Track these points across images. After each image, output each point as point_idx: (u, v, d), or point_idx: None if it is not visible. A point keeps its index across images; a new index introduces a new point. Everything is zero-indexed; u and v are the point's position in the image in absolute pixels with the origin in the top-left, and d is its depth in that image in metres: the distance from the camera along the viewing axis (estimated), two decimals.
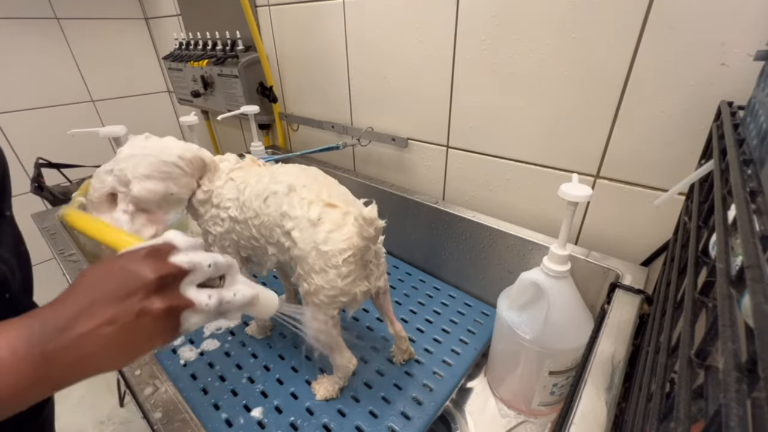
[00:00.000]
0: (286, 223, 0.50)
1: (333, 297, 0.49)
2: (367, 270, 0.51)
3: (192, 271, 0.31)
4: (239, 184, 0.55)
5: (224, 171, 0.57)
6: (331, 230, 0.48)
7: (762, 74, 0.37)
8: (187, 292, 0.31)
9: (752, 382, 0.14)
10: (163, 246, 0.31)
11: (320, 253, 0.47)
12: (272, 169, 0.56)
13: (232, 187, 0.55)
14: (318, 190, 0.51)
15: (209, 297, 0.31)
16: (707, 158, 0.40)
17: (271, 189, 0.52)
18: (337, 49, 0.92)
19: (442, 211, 0.79)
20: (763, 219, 0.21)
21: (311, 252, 0.48)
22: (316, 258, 0.48)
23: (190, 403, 0.55)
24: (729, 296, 0.18)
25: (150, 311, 0.28)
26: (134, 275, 0.28)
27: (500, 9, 0.63)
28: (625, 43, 0.54)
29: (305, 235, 0.48)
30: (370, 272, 0.51)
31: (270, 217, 0.52)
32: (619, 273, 0.58)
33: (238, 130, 1.44)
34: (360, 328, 0.70)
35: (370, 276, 0.52)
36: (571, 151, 0.65)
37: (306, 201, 0.50)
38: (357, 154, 1.04)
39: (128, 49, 1.58)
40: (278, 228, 0.51)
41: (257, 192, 0.53)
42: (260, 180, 0.54)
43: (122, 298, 0.27)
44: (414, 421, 0.54)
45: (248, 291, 0.35)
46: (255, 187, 0.53)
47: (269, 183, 0.52)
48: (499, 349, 0.62)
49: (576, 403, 0.39)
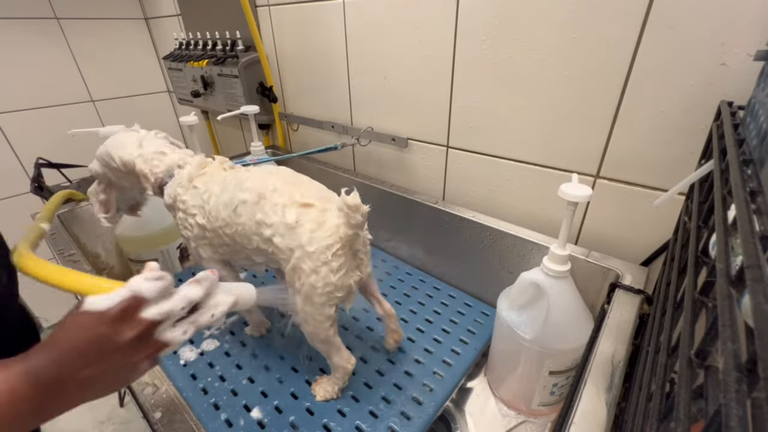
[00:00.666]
0: (264, 231, 0.49)
1: (329, 294, 0.48)
2: (357, 259, 0.50)
3: (165, 319, 0.33)
4: (203, 193, 0.55)
5: (185, 178, 0.56)
6: (312, 230, 0.47)
7: (762, 74, 0.37)
8: (162, 336, 0.33)
9: (752, 382, 0.14)
10: (131, 304, 0.31)
11: (307, 254, 0.47)
12: (238, 175, 0.55)
13: (195, 194, 0.55)
14: (290, 191, 0.50)
15: (184, 333, 0.34)
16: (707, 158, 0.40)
17: (240, 198, 0.51)
18: (337, 49, 0.92)
19: (442, 211, 0.79)
20: (763, 219, 0.21)
21: (298, 255, 0.47)
22: (304, 260, 0.47)
23: (190, 403, 0.55)
24: (729, 296, 0.18)
25: (127, 364, 0.32)
26: (108, 340, 0.30)
27: (500, 9, 0.63)
28: (625, 43, 0.54)
29: (287, 240, 0.48)
30: (360, 261, 0.51)
31: (245, 226, 0.51)
32: (619, 273, 0.58)
33: (238, 130, 1.44)
34: (360, 328, 0.70)
35: (361, 265, 0.51)
36: (571, 151, 0.65)
37: (280, 206, 0.49)
38: (357, 154, 1.03)
39: (128, 49, 1.58)
40: (256, 236, 0.51)
41: (224, 201, 0.52)
42: (225, 188, 0.53)
43: (103, 360, 0.30)
44: (414, 421, 0.54)
45: (227, 301, 0.37)
46: (221, 197, 0.53)
47: (236, 191, 0.52)
48: (499, 349, 0.62)
49: (576, 403, 0.39)
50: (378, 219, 0.94)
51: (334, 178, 1.01)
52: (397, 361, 0.63)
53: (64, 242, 0.73)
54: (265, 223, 0.49)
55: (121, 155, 0.57)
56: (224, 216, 0.52)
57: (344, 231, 0.46)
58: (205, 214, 0.54)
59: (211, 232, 0.55)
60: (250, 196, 0.50)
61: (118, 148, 0.58)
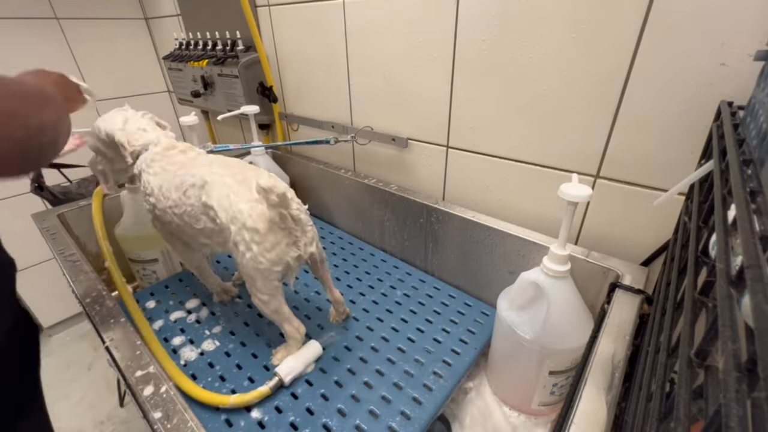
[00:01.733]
0: (208, 211, 0.55)
1: (266, 270, 0.53)
2: (293, 237, 0.55)
3: None
4: (155, 175, 0.61)
5: (148, 158, 0.62)
6: (242, 210, 0.51)
7: (762, 74, 0.38)
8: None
9: (752, 382, 0.14)
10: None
11: (240, 232, 0.51)
12: (195, 159, 0.61)
13: (151, 174, 0.62)
14: (231, 174, 0.55)
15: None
16: (707, 158, 0.41)
17: (189, 182, 0.57)
18: (337, 49, 0.92)
19: (442, 211, 0.79)
20: (763, 219, 0.21)
21: (234, 232, 0.52)
22: (239, 237, 0.51)
23: (190, 403, 0.55)
24: (729, 296, 0.18)
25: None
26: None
27: (500, 9, 0.63)
28: (625, 43, 0.54)
29: (225, 219, 0.52)
30: (297, 239, 0.55)
31: (193, 207, 0.57)
32: (619, 273, 0.58)
33: (238, 130, 1.44)
34: (360, 328, 0.70)
35: (298, 242, 0.55)
36: (571, 151, 0.65)
37: (223, 187, 0.54)
38: (357, 154, 1.04)
39: (128, 49, 1.58)
40: (204, 216, 0.56)
41: (175, 184, 0.58)
42: (176, 174, 0.59)
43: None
44: (414, 421, 0.54)
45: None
46: (172, 181, 0.59)
47: (185, 176, 0.58)
48: (499, 349, 0.63)
49: (576, 403, 0.39)
50: (378, 219, 0.94)
51: (334, 178, 1.01)
52: (397, 361, 0.63)
53: (64, 242, 0.73)
54: (209, 205, 0.54)
55: (106, 127, 0.64)
56: (174, 197, 0.58)
57: (266, 210, 0.51)
58: (158, 194, 0.60)
59: (160, 210, 0.61)
60: (197, 180, 0.56)
61: (106, 121, 0.65)
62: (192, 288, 0.80)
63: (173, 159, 0.62)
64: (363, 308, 0.75)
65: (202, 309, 0.75)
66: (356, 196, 0.97)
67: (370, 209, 0.95)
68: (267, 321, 0.71)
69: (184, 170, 0.58)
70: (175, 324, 0.71)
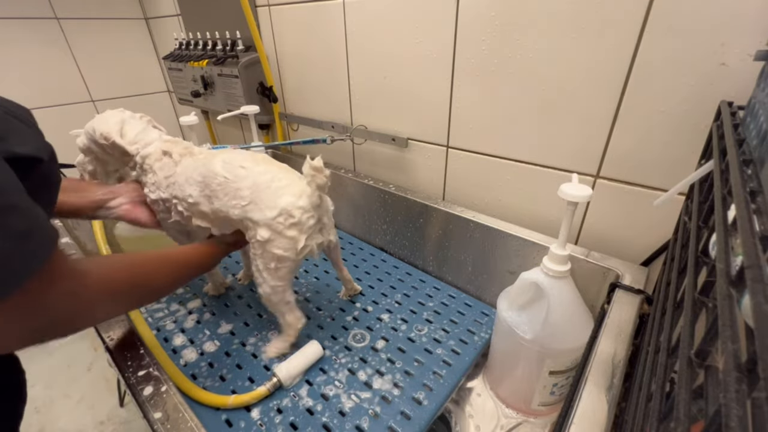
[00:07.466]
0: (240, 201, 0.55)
1: (298, 253, 0.54)
2: (321, 223, 0.58)
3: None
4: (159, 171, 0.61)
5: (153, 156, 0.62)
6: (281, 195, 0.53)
7: (762, 74, 0.38)
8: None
9: (752, 382, 0.14)
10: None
11: (289, 213, 0.53)
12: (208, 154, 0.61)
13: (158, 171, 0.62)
14: (253, 161, 0.57)
15: None
16: (707, 158, 0.40)
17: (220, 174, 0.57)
18: (337, 49, 0.92)
19: (442, 211, 0.79)
20: (763, 219, 0.21)
21: (273, 217, 0.53)
22: (281, 220, 0.53)
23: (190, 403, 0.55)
24: (729, 296, 0.18)
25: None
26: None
27: (500, 9, 0.63)
28: (625, 43, 0.54)
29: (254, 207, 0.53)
30: (324, 225, 0.58)
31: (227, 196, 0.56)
32: (619, 273, 0.58)
33: (238, 130, 1.44)
34: (360, 328, 0.70)
35: (323, 229, 0.59)
36: (571, 151, 0.65)
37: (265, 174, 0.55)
38: (357, 154, 1.04)
39: (128, 49, 1.58)
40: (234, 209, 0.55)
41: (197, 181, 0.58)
42: (195, 168, 0.59)
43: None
44: (414, 421, 0.54)
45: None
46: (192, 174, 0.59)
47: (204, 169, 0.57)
48: (499, 349, 0.62)
49: (576, 403, 0.39)
50: (378, 219, 0.94)
51: (335, 178, 1.01)
52: (397, 360, 0.63)
53: (63, 243, 0.73)
54: (240, 196, 0.55)
55: (102, 129, 0.63)
56: (195, 194, 0.58)
57: (311, 192, 0.53)
58: (166, 185, 0.61)
59: (166, 202, 0.62)
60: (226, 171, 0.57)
61: (101, 123, 0.64)
62: (192, 288, 0.80)
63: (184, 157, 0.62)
64: (363, 308, 0.75)
65: (203, 309, 0.75)
66: (356, 196, 0.98)
67: (371, 209, 0.95)
68: (267, 321, 0.71)
69: (202, 164, 0.59)
70: (176, 324, 0.71)
